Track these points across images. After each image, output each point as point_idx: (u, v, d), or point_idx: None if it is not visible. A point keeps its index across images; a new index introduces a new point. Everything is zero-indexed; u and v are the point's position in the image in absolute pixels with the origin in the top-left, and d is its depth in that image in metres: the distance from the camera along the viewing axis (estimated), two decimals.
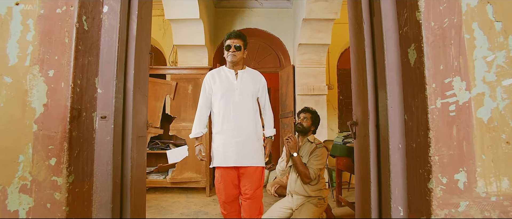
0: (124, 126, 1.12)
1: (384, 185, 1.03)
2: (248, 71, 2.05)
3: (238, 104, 1.92)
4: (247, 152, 1.89)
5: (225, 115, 1.91)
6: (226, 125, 1.90)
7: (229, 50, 1.96)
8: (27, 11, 0.90)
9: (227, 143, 1.89)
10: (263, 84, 2.08)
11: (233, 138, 1.89)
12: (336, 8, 3.59)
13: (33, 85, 0.88)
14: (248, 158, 1.89)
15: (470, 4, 0.88)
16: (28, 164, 0.85)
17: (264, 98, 2.09)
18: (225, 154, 1.88)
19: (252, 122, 1.94)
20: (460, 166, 0.84)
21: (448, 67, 0.88)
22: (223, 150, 1.89)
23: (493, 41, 0.87)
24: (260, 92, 2.06)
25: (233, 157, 1.87)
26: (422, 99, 0.89)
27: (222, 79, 1.98)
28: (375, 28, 1.12)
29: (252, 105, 1.96)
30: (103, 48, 1.03)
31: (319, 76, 4.29)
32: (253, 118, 1.95)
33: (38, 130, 0.86)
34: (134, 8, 1.17)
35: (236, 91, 1.94)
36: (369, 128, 1.13)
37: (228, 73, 2.00)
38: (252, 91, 1.98)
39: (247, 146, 1.90)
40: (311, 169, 2.30)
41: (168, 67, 4.02)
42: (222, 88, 1.95)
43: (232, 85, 1.96)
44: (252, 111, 1.95)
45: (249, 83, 1.98)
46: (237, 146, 1.87)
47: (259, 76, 2.09)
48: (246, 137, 1.90)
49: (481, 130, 0.85)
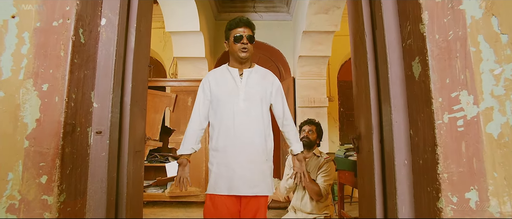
0: (121, 141, 1.09)
1: (390, 203, 0.98)
2: (258, 69, 1.60)
3: (243, 112, 1.46)
4: (253, 177, 1.43)
5: (225, 127, 1.46)
6: (226, 141, 1.45)
7: (240, 41, 1.49)
8: (22, 24, 0.88)
9: (226, 164, 1.44)
10: (277, 87, 1.59)
11: (234, 158, 1.43)
12: (336, 20, 3.61)
13: (26, 100, 0.85)
14: (254, 184, 1.42)
15: (475, 16, 0.86)
16: (18, 183, 0.81)
17: (282, 104, 1.58)
18: (224, 179, 1.43)
19: (261, 137, 1.48)
20: (470, 184, 0.80)
21: (454, 81, 0.85)
22: (220, 173, 1.44)
23: (499, 54, 0.85)
24: (273, 97, 1.57)
25: (233, 182, 1.41)
26: (429, 113, 0.86)
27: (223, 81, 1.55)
28: (377, 41, 1.10)
29: (262, 113, 1.50)
30: (100, 61, 1.01)
31: (319, 88, 4.27)
32: (262, 131, 1.49)
33: (29, 146, 0.83)
34: (132, 21, 1.16)
35: (240, 96, 1.48)
36: (373, 143, 1.10)
37: (232, 72, 1.55)
38: (261, 96, 1.51)
39: (253, 169, 1.43)
40: (321, 186, 2.21)
41: (167, 79, 4.02)
42: (222, 92, 1.52)
43: (235, 88, 1.50)
44: (261, 121, 1.49)
45: (257, 85, 1.52)
46: (240, 168, 1.42)
47: (271, 76, 1.61)
48: (252, 156, 1.44)
49: (491, 146, 0.81)
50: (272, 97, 1.57)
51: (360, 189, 1.30)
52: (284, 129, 1.59)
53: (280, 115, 1.59)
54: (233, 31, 1.53)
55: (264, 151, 1.48)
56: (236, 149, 1.44)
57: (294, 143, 1.58)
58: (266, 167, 1.48)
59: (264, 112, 1.52)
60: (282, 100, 1.60)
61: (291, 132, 1.58)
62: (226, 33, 1.58)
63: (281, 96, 1.60)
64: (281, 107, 1.59)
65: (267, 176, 1.48)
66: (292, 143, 1.59)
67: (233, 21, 1.54)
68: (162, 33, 4.80)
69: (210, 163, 1.50)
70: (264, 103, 1.53)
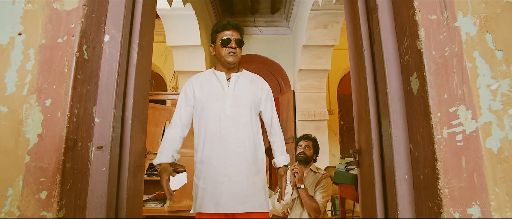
0: (121, 156, 1.09)
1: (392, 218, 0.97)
2: (246, 74, 1.50)
3: (230, 118, 1.34)
4: (245, 191, 1.29)
5: (210, 135, 1.33)
6: (212, 150, 1.31)
7: (228, 45, 1.39)
8: (28, 41, 0.90)
9: (213, 177, 1.29)
10: (266, 92, 1.49)
11: (222, 170, 1.29)
12: (335, 34, 3.67)
13: (29, 115, 0.86)
14: (243, 200, 1.28)
15: (470, 33, 0.88)
16: (17, 198, 0.81)
17: (271, 111, 1.48)
18: (211, 194, 1.28)
19: (250, 146, 1.35)
20: (472, 199, 0.80)
21: (452, 96, 0.86)
22: (207, 188, 1.29)
23: (495, 70, 0.86)
24: (263, 104, 1.46)
25: (221, 199, 1.27)
26: (428, 128, 0.86)
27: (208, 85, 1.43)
28: (375, 56, 1.12)
29: (251, 121, 1.38)
30: (102, 77, 1.03)
31: (319, 102, 4.30)
32: (252, 139, 1.36)
33: (30, 161, 0.83)
34: (135, 37, 1.18)
35: (227, 101, 1.36)
36: (373, 158, 1.10)
37: (219, 76, 1.43)
38: (251, 101, 1.40)
39: (243, 182, 1.30)
40: (319, 202, 2.19)
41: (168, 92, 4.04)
42: (208, 97, 1.39)
43: (222, 92, 1.38)
44: (250, 129, 1.37)
45: (246, 90, 1.41)
46: (228, 181, 1.28)
47: (260, 81, 1.50)
48: (242, 168, 1.31)
49: (492, 161, 0.82)
50: (261, 104, 1.47)
51: (361, 203, 1.29)
52: (270, 138, 1.50)
53: (269, 123, 1.49)
54: (220, 34, 1.42)
55: (254, 162, 1.35)
56: (223, 159, 1.30)
57: (278, 155, 1.47)
58: (258, 180, 1.34)
59: (253, 119, 1.40)
60: (271, 107, 1.49)
61: (277, 142, 1.47)
62: (212, 36, 1.47)
63: (271, 103, 1.50)
64: (270, 115, 1.48)
65: (259, 190, 1.33)
66: (276, 154, 1.48)
67: (220, 23, 1.43)
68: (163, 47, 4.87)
69: (196, 177, 1.36)
70: (253, 110, 1.41)
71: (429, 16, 0.91)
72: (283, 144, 1.50)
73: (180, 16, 3.43)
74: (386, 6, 1.06)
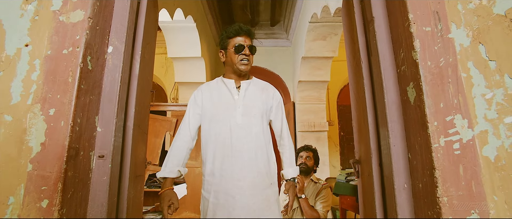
0: (122, 166, 1.09)
1: None
2: (256, 82, 1.45)
3: (241, 128, 1.28)
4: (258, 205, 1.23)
5: (222, 146, 1.28)
6: (224, 163, 1.26)
7: (242, 52, 1.34)
8: (35, 52, 0.93)
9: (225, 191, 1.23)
10: (278, 101, 1.44)
11: (234, 183, 1.23)
12: (334, 46, 3.72)
13: (33, 124, 0.87)
14: (257, 213, 1.22)
15: (463, 44, 0.91)
16: (18, 207, 0.81)
17: (281, 121, 1.43)
18: (223, 209, 1.22)
19: (263, 157, 1.29)
20: (471, 207, 0.80)
21: (448, 105, 0.88)
22: (219, 202, 1.23)
23: (489, 80, 0.88)
24: (274, 112, 1.41)
25: (234, 212, 1.20)
26: (425, 137, 0.88)
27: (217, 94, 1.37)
28: (373, 67, 1.14)
29: (263, 130, 1.32)
30: (105, 87, 1.05)
31: (319, 113, 4.31)
32: (265, 149, 1.30)
33: (32, 170, 0.84)
34: (137, 48, 1.21)
35: (238, 110, 1.31)
36: (372, 167, 1.10)
37: (228, 84, 1.38)
38: (262, 110, 1.35)
39: (257, 195, 1.23)
40: (320, 212, 2.19)
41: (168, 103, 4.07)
42: (217, 106, 1.33)
43: (232, 102, 1.33)
44: (262, 139, 1.31)
45: (256, 99, 1.36)
46: (241, 195, 1.22)
47: (271, 89, 1.45)
48: (255, 180, 1.25)
49: (489, 169, 0.82)
50: (272, 112, 1.42)
51: (362, 213, 1.28)
52: (280, 149, 1.45)
53: (279, 133, 1.44)
54: (233, 40, 1.36)
55: (267, 174, 1.29)
56: (236, 171, 1.24)
57: (287, 167, 1.41)
58: (271, 193, 1.29)
59: (265, 128, 1.34)
60: (282, 116, 1.44)
61: (286, 153, 1.42)
62: (223, 41, 1.41)
63: (281, 112, 1.45)
64: (280, 124, 1.43)
65: (273, 203, 1.28)
66: (285, 166, 1.43)
67: (232, 28, 1.37)
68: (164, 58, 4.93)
69: (206, 191, 1.29)
70: (264, 119, 1.35)
71: (424, 28, 0.94)
72: (293, 155, 1.45)
73: (181, 28, 3.49)
74: (382, 19, 1.09)
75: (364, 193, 1.25)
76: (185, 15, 3.10)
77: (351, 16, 1.30)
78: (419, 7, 0.96)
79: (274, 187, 1.33)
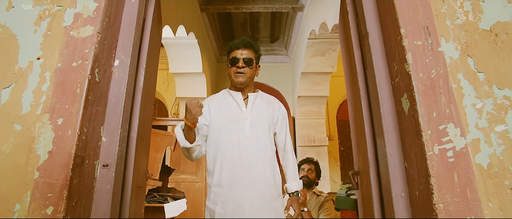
0: (125, 176, 1.12)
1: None
2: (263, 95, 1.49)
3: (249, 140, 1.30)
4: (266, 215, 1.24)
5: (229, 157, 1.29)
6: (232, 174, 1.26)
7: (235, 65, 1.37)
8: (46, 65, 0.97)
9: (233, 202, 1.23)
10: (283, 114, 1.48)
11: (243, 194, 1.23)
12: (333, 62, 3.81)
13: (41, 133, 0.90)
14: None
15: (453, 57, 0.96)
16: (24, 214, 0.83)
17: (285, 134, 1.45)
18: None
19: (270, 169, 1.31)
20: (467, 214, 0.82)
21: (441, 114, 0.91)
22: (227, 213, 1.23)
23: (479, 90, 0.92)
24: (278, 125, 1.45)
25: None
26: (420, 146, 0.91)
27: (225, 105, 1.40)
28: (369, 80, 1.19)
29: (269, 142, 1.36)
30: (111, 98, 1.09)
31: (319, 128, 4.34)
32: (271, 162, 1.33)
33: (39, 177, 0.86)
34: (142, 62, 1.26)
35: (246, 122, 1.33)
36: (370, 177, 1.12)
37: (235, 96, 1.41)
38: (269, 122, 1.38)
39: (265, 206, 1.25)
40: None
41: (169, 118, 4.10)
42: (225, 118, 1.35)
43: (240, 114, 1.36)
44: (270, 151, 1.35)
45: (263, 111, 1.39)
46: (250, 206, 1.22)
47: (277, 103, 1.50)
48: (264, 191, 1.26)
49: (483, 176, 0.85)
50: (277, 125, 1.45)
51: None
52: (282, 162, 1.46)
53: (282, 146, 1.46)
54: (231, 54, 1.41)
55: (275, 185, 1.31)
56: (245, 183, 1.25)
57: (290, 181, 1.42)
58: (279, 204, 1.31)
59: (271, 140, 1.38)
60: (286, 130, 1.47)
61: (290, 166, 1.44)
62: (227, 56, 1.48)
63: (285, 125, 1.48)
64: (284, 138, 1.46)
65: (280, 214, 1.30)
66: (288, 179, 1.43)
67: (233, 42, 1.41)
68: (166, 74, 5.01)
69: (212, 202, 1.28)
70: (270, 131, 1.39)
71: (415, 42, 0.99)
72: (296, 169, 1.46)
73: (183, 45, 3.59)
74: (377, 33, 1.15)
75: (363, 204, 1.26)
76: (187, 31, 3.20)
77: (347, 31, 1.36)
78: (410, 22, 1.02)
79: (281, 199, 1.35)
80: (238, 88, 1.43)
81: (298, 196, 1.43)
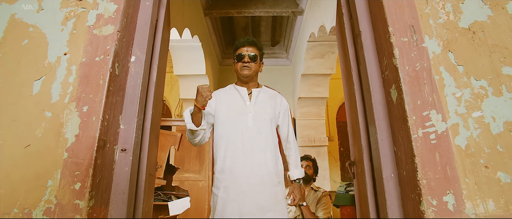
0: (140, 161, 1.23)
1: (382, 213, 1.08)
2: (265, 90, 1.61)
3: (252, 131, 1.42)
4: (268, 201, 1.32)
5: (233, 146, 1.39)
6: (235, 160, 1.36)
7: (241, 60, 1.51)
8: (72, 59, 1.09)
9: (235, 186, 1.33)
10: (285, 108, 1.59)
11: (244, 179, 1.33)
12: (332, 64, 3.93)
13: (69, 119, 1.02)
14: (267, 209, 1.31)
15: (435, 52, 1.07)
16: (55, 189, 0.94)
17: (287, 126, 1.56)
18: (233, 203, 1.31)
19: (272, 157, 1.41)
20: (447, 188, 0.93)
21: (424, 102, 1.02)
22: (229, 197, 1.32)
23: (458, 81, 1.03)
24: (281, 118, 1.56)
25: (244, 207, 1.29)
26: (406, 130, 1.01)
27: (230, 99, 1.52)
28: (362, 74, 1.30)
29: (271, 133, 1.46)
30: (128, 90, 1.20)
31: (319, 128, 4.44)
32: (273, 151, 1.43)
33: (68, 157, 0.97)
34: (155, 59, 1.38)
35: (249, 115, 1.45)
36: (364, 162, 1.23)
37: (240, 91, 1.54)
38: (271, 115, 1.50)
39: (266, 192, 1.34)
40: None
41: (173, 119, 4.22)
42: (230, 110, 1.47)
43: (244, 107, 1.48)
44: (271, 141, 1.45)
45: (266, 105, 1.51)
46: (251, 191, 1.31)
47: (279, 97, 1.61)
48: (265, 178, 1.36)
49: (461, 156, 0.96)
50: (279, 118, 1.55)
51: (358, 207, 1.39)
52: (286, 152, 1.57)
53: (285, 137, 1.56)
54: (237, 51, 1.55)
55: (276, 173, 1.40)
56: (247, 169, 1.35)
57: (293, 168, 1.52)
58: (279, 190, 1.39)
59: (273, 132, 1.48)
60: (288, 122, 1.57)
61: (292, 155, 1.53)
62: (233, 54, 1.61)
63: (288, 118, 1.58)
64: (287, 129, 1.56)
65: (281, 200, 1.38)
66: (291, 167, 1.53)
67: (239, 41, 1.56)
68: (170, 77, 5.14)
69: (216, 187, 1.39)
70: (272, 123, 1.49)
71: (402, 38, 1.11)
72: (298, 158, 1.56)
73: (188, 48, 3.72)
74: (368, 32, 1.27)
75: (359, 189, 1.36)
76: (192, 34, 3.33)
77: (343, 31, 1.48)
78: (397, 21, 1.14)
79: (281, 186, 1.44)
80: (243, 83, 1.57)
81: (300, 184, 1.53)
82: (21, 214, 0.91)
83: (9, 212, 0.91)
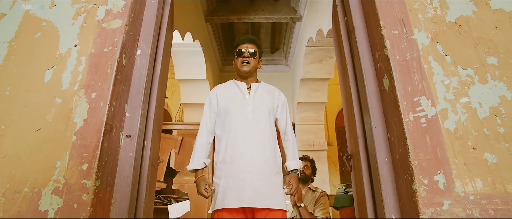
0: (144, 149, 1.27)
1: (377, 197, 1.13)
2: (264, 85, 1.69)
3: (251, 123, 1.49)
4: (266, 189, 1.37)
5: (233, 138, 1.46)
6: (234, 151, 1.43)
7: (241, 56, 1.59)
8: (82, 50, 1.16)
9: (235, 174, 1.38)
10: (282, 102, 1.67)
11: (244, 168, 1.39)
12: (330, 68, 4.01)
13: (78, 105, 1.07)
14: (265, 196, 1.36)
15: (424, 43, 1.14)
16: (63, 169, 0.99)
17: (285, 120, 1.63)
18: (233, 191, 1.35)
19: (270, 148, 1.48)
20: (437, 168, 0.97)
21: (414, 89, 1.08)
22: (229, 185, 1.37)
23: (446, 70, 1.10)
24: (279, 112, 1.63)
25: (243, 194, 1.34)
26: (398, 115, 1.07)
27: (230, 93, 1.61)
28: (356, 66, 1.36)
29: (269, 125, 1.54)
30: (133, 80, 1.27)
31: (318, 133, 4.48)
32: (271, 142, 1.50)
33: (76, 140, 1.02)
34: (159, 53, 1.45)
35: (248, 107, 1.52)
36: (359, 151, 1.28)
37: (240, 86, 1.63)
38: (269, 108, 1.57)
39: (264, 180, 1.38)
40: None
41: (174, 122, 4.26)
42: (230, 104, 1.55)
43: (243, 100, 1.56)
44: (269, 132, 1.51)
45: (264, 99, 1.59)
46: (250, 179, 1.36)
47: (277, 91, 1.69)
48: (263, 167, 1.41)
49: (450, 138, 1.01)
50: (277, 111, 1.63)
51: (355, 195, 1.43)
52: (284, 143, 1.63)
53: (283, 130, 1.63)
54: (238, 47, 1.64)
55: (274, 163, 1.47)
56: (246, 158, 1.41)
57: (290, 159, 1.57)
58: (278, 180, 1.45)
59: (271, 124, 1.55)
60: (286, 115, 1.64)
61: (290, 147, 1.59)
62: (233, 51, 1.70)
63: (286, 111, 1.65)
64: (285, 122, 1.63)
65: (279, 189, 1.44)
66: (288, 158, 1.58)
67: (239, 39, 1.65)
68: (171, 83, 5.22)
69: (217, 177, 1.45)
70: (271, 116, 1.56)
71: (392, 31, 1.18)
72: (295, 149, 1.61)
73: (189, 52, 3.81)
74: (361, 27, 1.34)
75: (356, 178, 1.40)
76: (194, 39, 3.42)
77: (338, 28, 1.56)
78: (388, 16, 1.21)
79: (279, 176, 1.50)
80: (243, 78, 1.65)
81: (297, 174, 1.58)
82: (31, 193, 0.95)
83: (20, 190, 0.95)
